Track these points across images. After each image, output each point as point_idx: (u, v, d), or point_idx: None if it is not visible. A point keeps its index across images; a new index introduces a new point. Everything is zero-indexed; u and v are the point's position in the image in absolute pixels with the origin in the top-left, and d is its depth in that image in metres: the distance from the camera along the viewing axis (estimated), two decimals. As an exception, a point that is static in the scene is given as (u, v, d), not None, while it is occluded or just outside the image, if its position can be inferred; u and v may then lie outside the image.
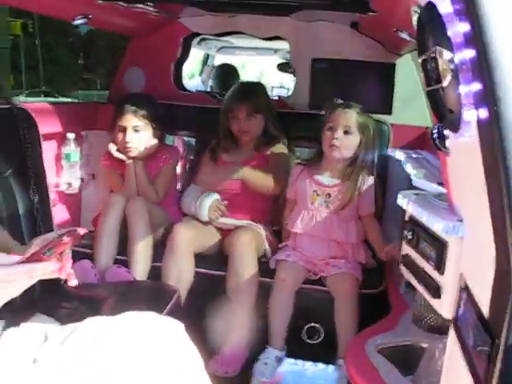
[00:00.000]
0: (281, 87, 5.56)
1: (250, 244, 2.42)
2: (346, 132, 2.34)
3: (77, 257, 2.44)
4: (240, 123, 2.67)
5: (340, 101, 2.40)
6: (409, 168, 2.12)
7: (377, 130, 2.49)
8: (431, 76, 1.09)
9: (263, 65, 9.17)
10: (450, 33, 0.96)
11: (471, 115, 0.96)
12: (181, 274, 2.40)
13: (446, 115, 1.07)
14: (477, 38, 0.88)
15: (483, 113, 0.91)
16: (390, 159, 2.71)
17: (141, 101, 2.70)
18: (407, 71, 2.85)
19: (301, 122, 2.57)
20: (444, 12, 0.98)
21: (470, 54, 0.91)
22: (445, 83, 1.00)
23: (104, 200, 2.60)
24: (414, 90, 2.81)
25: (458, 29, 0.94)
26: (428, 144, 2.20)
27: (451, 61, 0.96)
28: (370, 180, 2.42)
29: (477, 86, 0.91)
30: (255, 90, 2.82)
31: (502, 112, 0.86)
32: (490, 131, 0.89)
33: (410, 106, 2.85)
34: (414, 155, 2.37)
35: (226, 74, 4.67)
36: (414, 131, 2.68)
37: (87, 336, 1.15)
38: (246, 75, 7.88)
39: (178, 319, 2.15)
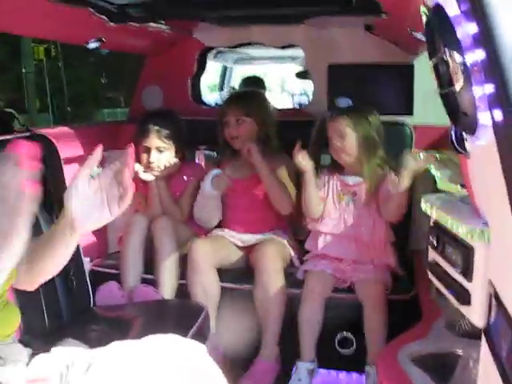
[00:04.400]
0: (301, 94, 5.52)
1: (275, 256, 2.40)
2: (340, 137, 2.39)
3: (104, 278, 2.51)
4: (230, 127, 2.64)
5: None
6: (433, 170, 2.08)
7: (397, 131, 2.60)
8: (443, 79, 1.05)
9: (285, 72, 9.15)
10: (459, 34, 0.92)
11: (486, 118, 0.92)
12: (206, 289, 2.38)
13: (460, 118, 1.03)
14: (486, 38, 0.85)
15: (498, 115, 0.87)
16: (415, 161, 2.67)
17: (164, 120, 2.70)
18: (426, 70, 2.79)
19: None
20: (452, 13, 0.95)
21: (480, 55, 0.88)
22: (457, 86, 0.96)
23: (127, 220, 2.60)
24: (435, 88, 2.75)
25: (466, 30, 0.91)
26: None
27: (462, 63, 0.93)
28: (390, 175, 2.42)
29: (489, 88, 0.87)
30: (247, 95, 2.81)
31: (518, 113, 0.83)
32: (505, 133, 0.86)
33: (431, 106, 2.79)
34: (438, 156, 2.32)
35: (253, 86, 4.65)
36: (437, 131, 2.63)
37: (110, 362, 1.14)
38: (269, 83, 7.87)
39: (206, 336, 2.15)
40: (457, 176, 1.73)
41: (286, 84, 9.41)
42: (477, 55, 0.89)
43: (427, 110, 2.83)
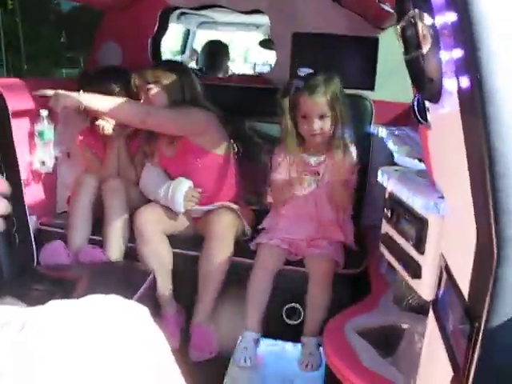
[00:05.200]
0: (264, 64, 5.46)
1: (229, 226, 2.36)
2: (321, 117, 2.28)
3: (51, 237, 2.44)
4: (143, 95, 2.48)
5: (299, 82, 2.29)
6: (391, 145, 2.07)
7: (357, 105, 2.52)
8: (410, 43, 1.02)
9: (249, 42, 9.05)
10: (429, -5, 0.89)
11: (452, 84, 0.90)
12: (159, 256, 2.34)
13: (425, 84, 1.00)
14: (458, 0, 0.82)
15: (465, 81, 0.84)
16: (373, 136, 2.67)
17: (125, 76, 2.61)
18: (390, 46, 2.78)
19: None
20: (423, -28, 0.91)
21: (451, 17, 0.85)
22: (424, 49, 0.93)
23: (76, 179, 2.52)
24: (398, 65, 2.74)
25: (438, -10, 0.88)
26: (411, 120, 2.15)
27: (431, 25, 0.90)
28: (353, 151, 2.36)
29: (458, 53, 0.84)
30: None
31: (485, 80, 0.80)
32: (471, 101, 0.83)
33: (393, 82, 2.79)
34: (396, 132, 2.31)
35: (216, 51, 4.53)
36: (398, 107, 2.62)
37: (46, 322, 1.08)
38: (232, 52, 7.74)
39: (152, 300, 2.12)
40: (414, 151, 1.73)
41: (249, 54, 9.31)
42: (447, 17, 0.86)
43: (388, 87, 2.83)
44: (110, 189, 2.43)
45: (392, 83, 2.78)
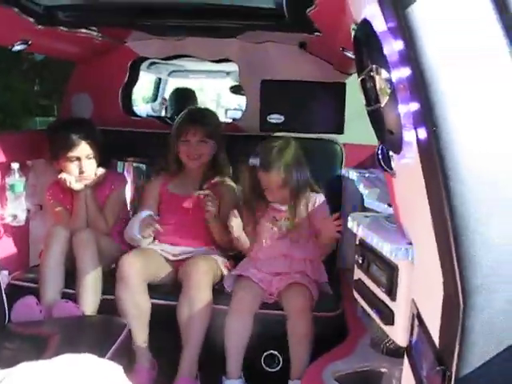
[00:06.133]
0: (235, 109, 5.52)
1: (205, 271, 2.35)
2: (281, 187, 2.37)
3: (23, 292, 2.39)
4: (191, 147, 2.60)
5: (254, 160, 2.39)
6: (361, 188, 2.09)
7: (327, 148, 2.66)
8: (370, 95, 1.05)
9: (220, 87, 9.16)
10: (385, 51, 0.92)
11: (411, 136, 0.92)
12: (138, 306, 2.30)
13: (386, 136, 1.03)
14: (411, 56, 0.85)
15: (422, 133, 0.87)
16: (344, 179, 2.69)
17: (85, 128, 2.65)
18: (359, 88, 2.83)
19: (251, 145, 2.52)
20: (379, 29, 0.94)
21: (406, 72, 0.88)
22: (383, 103, 0.96)
23: (47, 232, 2.50)
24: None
25: (393, 47, 0.90)
26: (381, 163, 2.19)
27: (388, 80, 0.92)
28: (318, 196, 2.45)
29: (414, 106, 0.87)
30: (209, 115, 2.79)
31: (441, 132, 0.82)
32: (430, 152, 0.86)
33: (363, 124, 2.83)
34: (367, 174, 2.34)
35: (184, 98, 4.57)
36: (367, 150, 2.65)
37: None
38: (204, 97, 7.80)
39: (128, 354, 2.07)
40: (385, 195, 1.75)
41: (222, 99, 9.40)
42: (402, 72, 0.89)
43: (358, 129, 2.88)
44: (81, 240, 2.39)
45: (362, 125, 2.81)
